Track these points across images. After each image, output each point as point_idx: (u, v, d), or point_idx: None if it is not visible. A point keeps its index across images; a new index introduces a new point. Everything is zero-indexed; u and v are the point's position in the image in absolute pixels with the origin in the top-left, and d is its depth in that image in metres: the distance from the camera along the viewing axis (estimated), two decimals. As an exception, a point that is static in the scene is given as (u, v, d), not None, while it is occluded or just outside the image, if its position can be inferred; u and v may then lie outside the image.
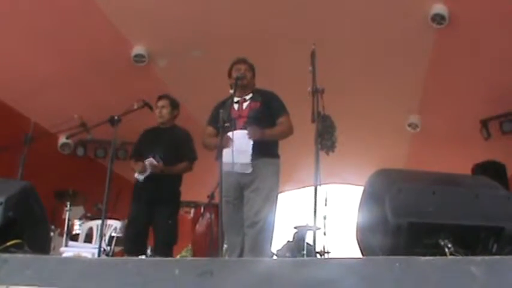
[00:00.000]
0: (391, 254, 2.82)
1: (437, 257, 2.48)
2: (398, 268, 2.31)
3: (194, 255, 7.52)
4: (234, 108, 5.26)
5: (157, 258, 4.38)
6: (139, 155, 6.37)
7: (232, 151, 4.79)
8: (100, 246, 5.65)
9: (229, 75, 5.42)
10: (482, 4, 6.94)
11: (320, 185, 4.08)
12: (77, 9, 7.16)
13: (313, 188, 4.08)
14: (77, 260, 3.47)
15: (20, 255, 2.89)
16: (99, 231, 6.72)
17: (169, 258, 4.81)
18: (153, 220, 6.10)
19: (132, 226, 6.20)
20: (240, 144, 4.91)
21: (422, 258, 2.40)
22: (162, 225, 6.06)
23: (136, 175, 6.12)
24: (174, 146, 6.30)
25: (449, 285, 2.26)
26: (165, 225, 6.07)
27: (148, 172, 6.04)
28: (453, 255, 2.83)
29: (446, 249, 2.87)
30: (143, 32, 8.04)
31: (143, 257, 6.33)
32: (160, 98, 6.50)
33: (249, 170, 4.95)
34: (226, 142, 4.84)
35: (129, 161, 6.49)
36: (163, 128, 6.47)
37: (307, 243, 8.58)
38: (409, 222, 2.94)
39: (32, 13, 7.11)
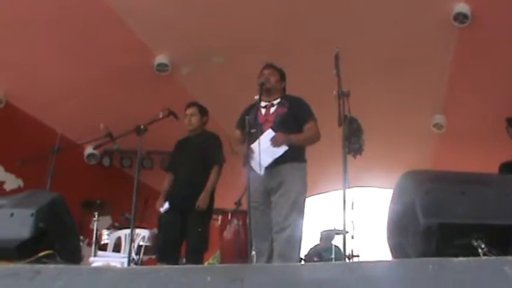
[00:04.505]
0: (423, 255, 2.80)
1: (471, 258, 2.46)
2: (432, 270, 2.29)
3: (222, 262, 7.53)
4: (261, 112, 5.26)
5: (189, 266, 4.39)
6: (173, 166, 6.62)
7: (260, 151, 4.78)
8: (129, 255, 5.68)
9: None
10: (505, 2, 6.88)
11: (348, 188, 4.07)
12: (98, 20, 7.20)
13: (338, 192, 4.06)
14: (109, 269, 3.49)
15: (52, 266, 2.90)
16: (128, 241, 6.76)
17: (201, 266, 4.83)
18: (186, 227, 6.14)
19: (165, 234, 6.24)
20: (268, 147, 4.90)
21: (455, 259, 2.38)
22: (193, 232, 6.09)
23: (160, 209, 6.32)
24: (202, 152, 6.34)
25: (483, 286, 2.24)
26: (195, 233, 6.09)
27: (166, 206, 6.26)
28: (486, 255, 2.80)
29: (480, 250, 2.84)
30: (165, 41, 8.07)
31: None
32: (188, 106, 6.57)
33: (261, 172, 4.91)
34: (250, 153, 4.84)
35: (166, 173, 6.64)
36: (193, 136, 6.54)
37: (336, 246, 8.55)
38: (439, 223, 2.91)
39: (54, 24, 7.16)
